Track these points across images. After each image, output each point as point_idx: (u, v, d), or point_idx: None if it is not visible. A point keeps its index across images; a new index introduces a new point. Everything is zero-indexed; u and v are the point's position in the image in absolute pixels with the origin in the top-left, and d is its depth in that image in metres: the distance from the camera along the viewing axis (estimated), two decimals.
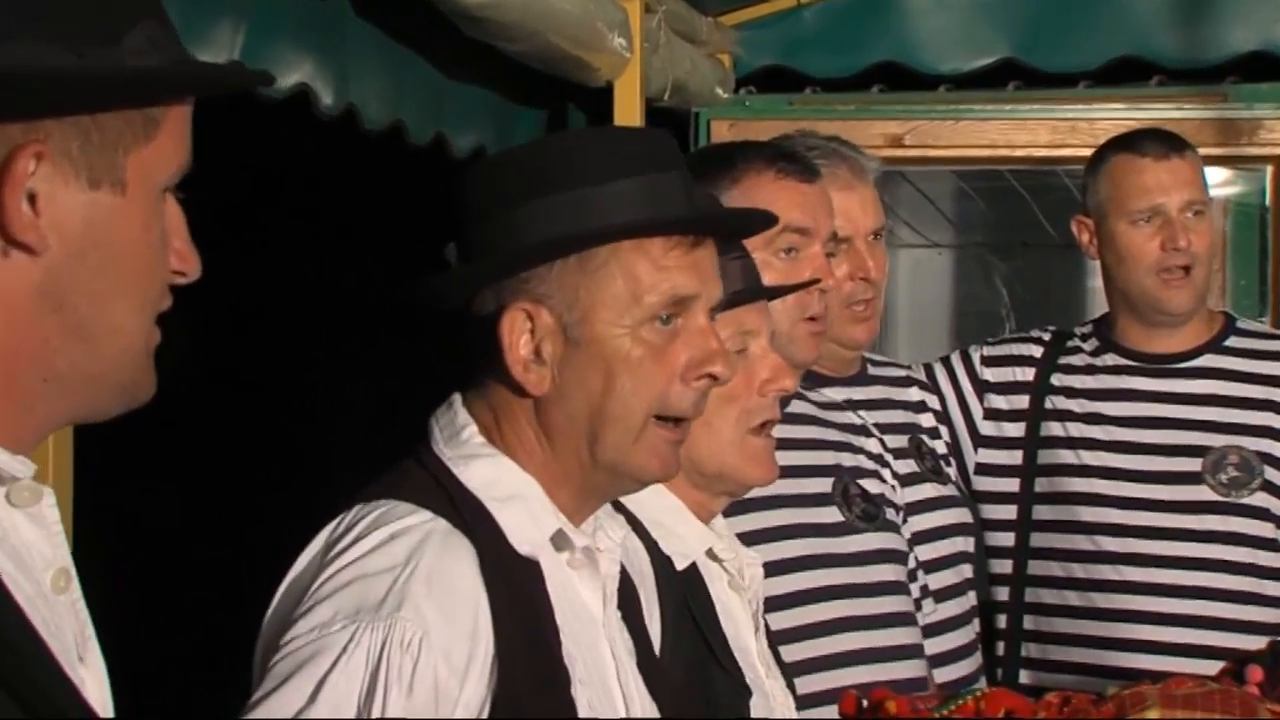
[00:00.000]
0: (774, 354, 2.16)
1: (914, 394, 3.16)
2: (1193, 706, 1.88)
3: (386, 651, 1.61)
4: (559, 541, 1.77)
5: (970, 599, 3.02)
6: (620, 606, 1.85)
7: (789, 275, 2.48)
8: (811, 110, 4.36)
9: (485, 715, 1.64)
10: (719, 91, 4.38)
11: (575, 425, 1.76)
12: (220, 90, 1.38)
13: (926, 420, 3.15)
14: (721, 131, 4.33)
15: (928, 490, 2.95)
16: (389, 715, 1.59)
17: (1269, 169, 4.21)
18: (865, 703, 2.17)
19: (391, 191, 5.18)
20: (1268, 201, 4.25)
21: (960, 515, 3.04)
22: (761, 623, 2.22)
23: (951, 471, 3.17)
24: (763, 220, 1.96)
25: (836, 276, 2.66)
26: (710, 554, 2.16)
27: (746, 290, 2.16)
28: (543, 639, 1.70)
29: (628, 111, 3.77)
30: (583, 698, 1.72)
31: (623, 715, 1.78)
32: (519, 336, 1.74)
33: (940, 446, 3.15)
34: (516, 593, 1.69)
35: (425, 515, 1.70)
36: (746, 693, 2.08)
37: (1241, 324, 3.28)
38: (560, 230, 1.73)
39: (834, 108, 4.39)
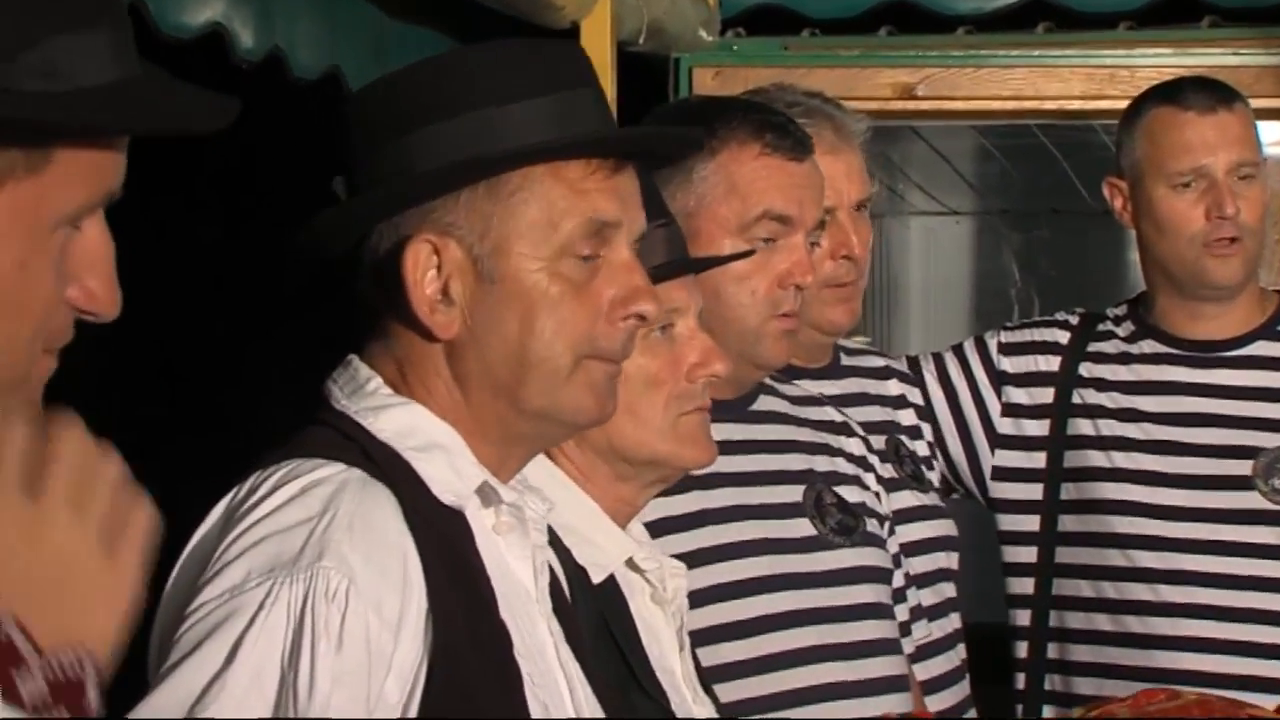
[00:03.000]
0: (703, 335, 2.19)
1: (893, 388, 3.17)
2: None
3: (310, 604, 1.64)
4: (485, 496, 1.80)
5: (954, 621, 3.04)
6: (550, 595, 1.88)
7: (762, 267, 2.49)
8: (809, 56, 4.37)
9: (422, 676, 1.67)
10: (702, 34, 4.36)
11: (492, 371, 1.79)
12: (134, 133, 1.37)
13: (906, 418, 3.16)
14: (705, 81, 4.32)
15: (907, 499, 2.96)
16: (318, 673, 1.62)
17: None
18: None
19: (324, 148, 5.16)
20: None
21: (943, 528, 3.06)
22: (687, 641, 2.23)
23: (934, 477, 3.18)
24: (691, 142, 2.00)
25: (817, 270, 2.66)
26: (630, 564, 2.18)
27: (673, 262, 2.19)
28: (478, 596, 1.74)
29: (596, 56, 3.69)
30: (524, 668, 1.75)
31: (568, 701, 1.82)
32: (424, 273, 1.77)
33: (922, 448, 3.16)
34: (445, 546, 1.73)
35: (338, 466, 1.73)
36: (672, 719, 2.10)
37: None
38: (466, 154, 1.76)
39: (835, 53, 4.39)
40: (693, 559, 2.32)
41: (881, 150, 5.59)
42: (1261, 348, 3.20)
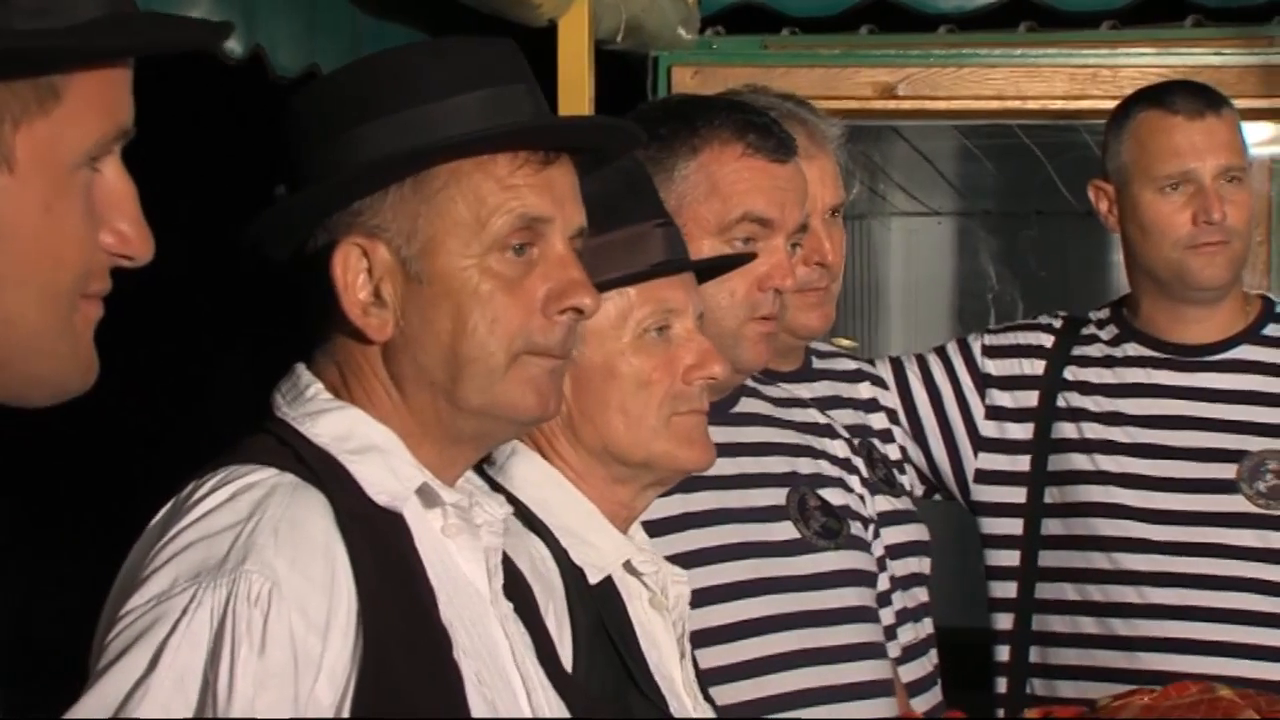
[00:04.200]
0: (701, 337, 2.20)
1: (864, 390, 3.19)
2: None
3: (232, 607, 1.65)
4: (427, 498, 1.82)
5: (927, 626, 3.07)
6: (511, 598, 1.89)
7: (742, 269, 2.50)
8: (789, 55, 4.40)
9: (354, 678, 1.68)
10: (681, 32, 4.38)
11: (427, 372, 1.80)
12: (139, 52, 1.39)
13: (878, 421, 3.19)
14: (685, 80, 4.34)
15: (879, 503, 2.97)
16: (238, 676, 1.64)
17: None
18: None
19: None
20: None
21: (916, 532, 3.09)
22: (688, 649, 2.25)
23: (906, 480, 3.21)
24: (627, 138, 1.97)
25: (797, 273, 2.67)
26: (629, 567, 2.19)
27: (670, 262, 2.20)
28: (414, 597, 1.75)
29: (574, 55, 3.78)
30: (468, 668, 1.76)
31: (523, 701, 1.83)
32: (355, 276, 1.79)
33: (894, 451, 3.19)
34: (379, 547, 1.74)
35: (270, 471, 1.75)
36: None
37: None
38: (392, 152, 1.77)
39: (815, 52, 4.42)
40: (675, 563, 2.32)
41: (863, 150, 5.62)
42: (1245, 351, 3.25)
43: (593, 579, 2.13)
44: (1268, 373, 3.22)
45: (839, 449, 2.86)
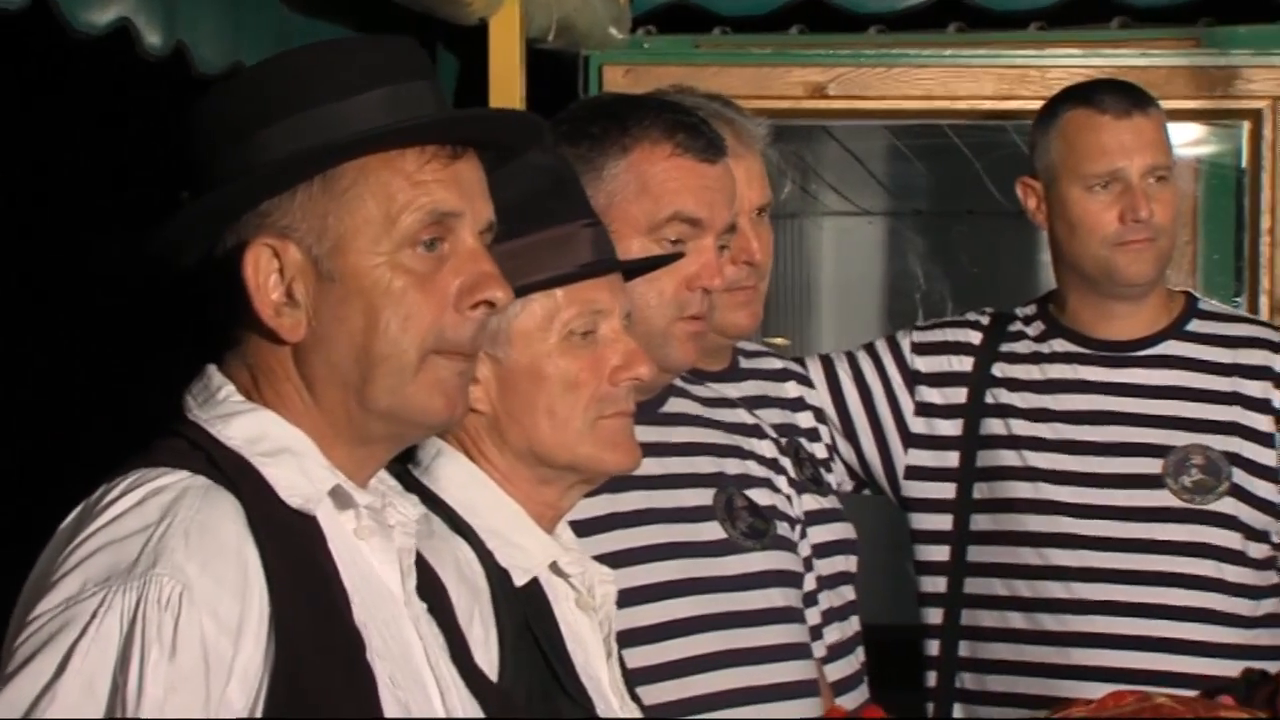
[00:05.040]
0: (628, 338, 2.20)
1: (791, 389, 3.19)
2: None
3: (142, 611, 1.64)
4: (340, 500, 1.81)
5: (854, 624, 3.07)
6: (425, 598, 1.88)
7: (670, 269, 2.49)
8: (721, 54, 4.39)
9: (266, 680, 1.68)
10: (613, 31, 4.37)
11: (339, 372, 1.79)
12: None
13: (805, 420, 3.19)
14: (616, 79, 4.33)
15: (806, 502, 2.98)
16: (148, 680, 1.63)
17: (1246, 125, 4.27)
18: None
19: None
20: (1245, 163, 4.31)
21: (843, 530, 3.09)
22: (615, 648, 2.25)
23: (832, 479, 3.21)
24: (530, 130, 1.95)
25: (725, 273, 2.66)
26: (555, 568, 2.19)
27: (598, 263, 2.20)
28: (327, 600, 1.74)
29: (505, 53, 3.77)
30: (381, 670, 1.76)
31: (436, 702, 1.83)
32: (266, 277, 1.78)
33: (820, 450, 3.19)
34: (291, 550, 1.73)
35: (181, 474, 1.74)
36: None
37: (1204, 305, 3.35)
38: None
39: (747, 51, 4.41)
40: (602, 562, 2.31)
41: (794, 150, 5.63)
42: (1170, 347, 3.26)
43: (518, 581, 2.12)
44: (1192, 368, 3.24)
45: (766, 449, 2.86)
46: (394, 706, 1.75)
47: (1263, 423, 3.20)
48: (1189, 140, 4.44)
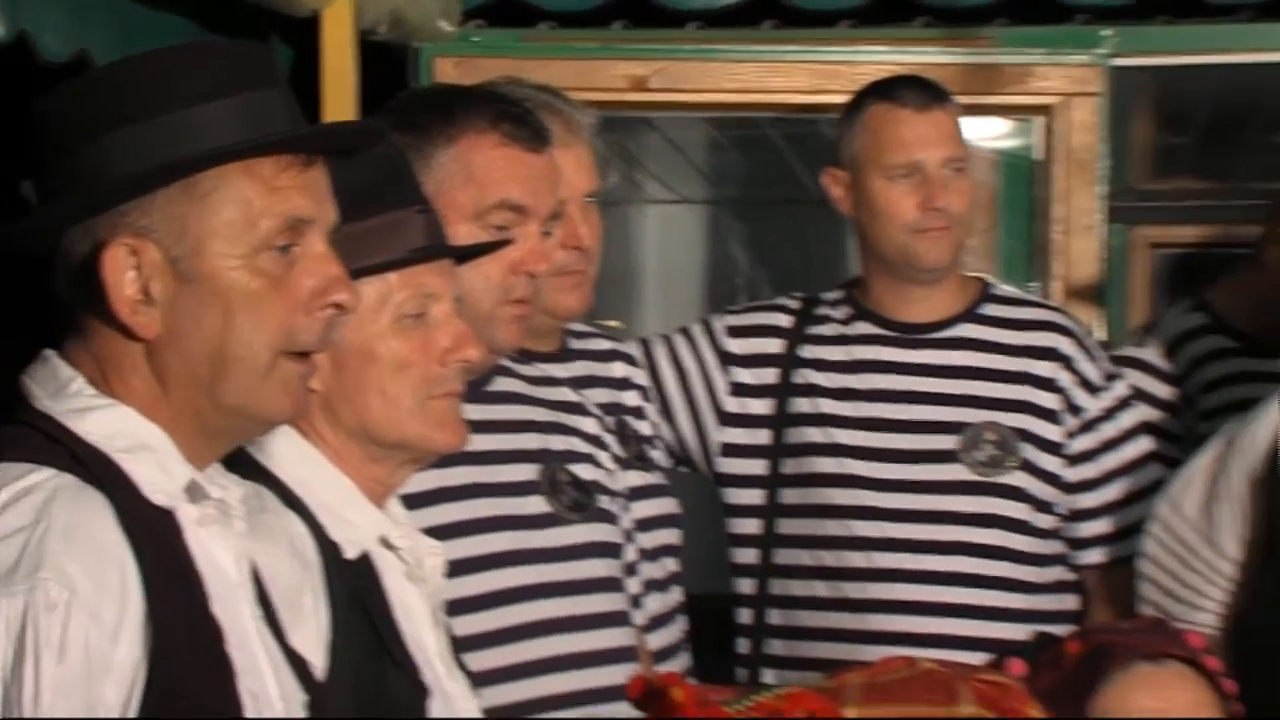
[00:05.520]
0: (458, 321, 2.22)
1: (618, 370, 3.21)
2: (894, 696, 1.97)
3: (31, 616, 1.65)
4: (192, 493, 1.83)
5: (676, 595, 3.11)
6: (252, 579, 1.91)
7: (496, 254, 2.51)
8: (546, 48, 4.40)
9: (141, 678, 1.69)
10: (443, 25, 4.38)
11: (192, 368, 1.81)
12: None
13: (631, 399, 3.21)
14: (446, 70, 4.34)
15: (632, 478, 3.00)
16: (42, 684, 1.63)
17: (1039, 120, 4.36)
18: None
19: None
20: (1038, 155, 4.41)
21: (667, 505, 3.13)
22: (442, 618, 2.27)
23: (657, 455, 3.24)
24: (375, 139, 2.02)
25: (550, 258, 2.70)
26: (385, 542, 2.20)
27: (429, 248, 2.21)
28: (193, 593, 1.77)
29: (338, 45, 3.78)
30: (238, 661, 1.79)
31: (272, 685, 1.85)
32: (123, 275, 1.78)
33: (645, 427, 3.22)
34: (158, 547, 1.75)
35: (48, 472, 1.74)
36: (424, 693, 2.14)
37: (997, 290, 3.41)
38: (157, 157, 1.78)
39: (571, 45, 4.43)
40: (431, 535, 2.34)
41: (618, 140, 5.64)
42: (965, 329, 3.32)
43: (349, 554, 2.14)
44: (985, 349, 3.30)
45: (590, 426, 2.89)
46: (246, 698, 1.78)
47: (1050, 401, 3.27)
48: (987, 134, 4.52)
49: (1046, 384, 3.28)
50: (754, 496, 3.35)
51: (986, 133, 4.49)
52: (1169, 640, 2.48)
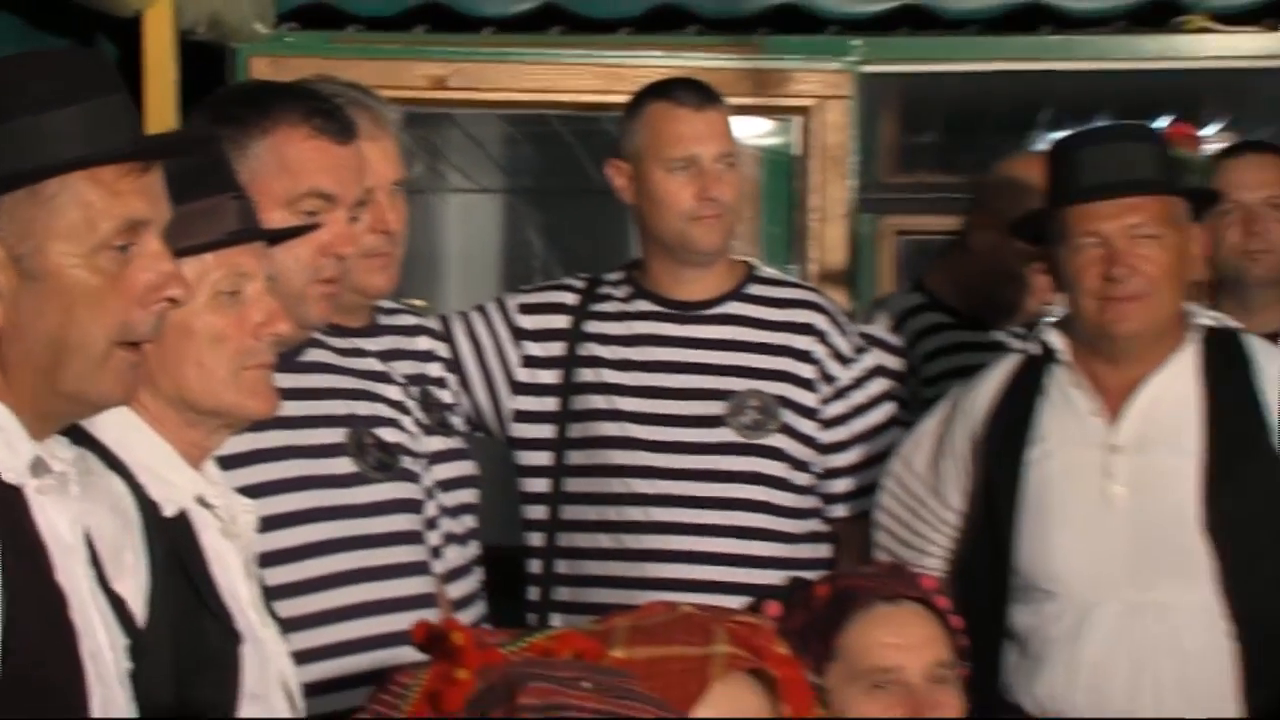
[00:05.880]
0: (269, 298, 2.22)
1: (422, 343, 3.19)
2: (655, 638, 1.98)
3: None
4: (36, 469, 1.81)
5: (474, 549, 3.10)
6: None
7: (307, 237, 2.50)
8: (354, 49, 4.37)
9: None
10: (258, 27, 4.33)
11: (33, 358, 1.80)
12: None
13: (434, 370, 3.19)
14: (261, 69, 4.29)
15: (435, 443, 3.00)
16: None
17: (797, 120, 4.42)
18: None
19: None
20: (796, 152, 4.46)
21: (468, 468, 3.12)
22: (255, 570, 2.26)
23: (458, 421, 3.23)
24: (204, 144, 2.05)
25: (357, 241, 2.69)
26: (201, 501, 2.20)
27: (243, 231, 2.21)
28: (40, 567, 1.75)
29: (159, 44, 3.71)
30: (79, 624, 1.77)
31: (102, 641, 1.83)
32: None
33: (448, 396, 3.20)
34: (10, 523, 1.73)
35: None
36: (237, 639, 2.14)
37: (761, 272, 3.44)
38: (7, 164, 1.76)
39: (377, 47, 4.41)
40: (246, 493, 2.33)
41: (423, 134, 5.62)
42: (733, 307, 3.34)
43: (168, 513, 2.13)
44: (750, 325, 3.33)
45: (395, 394, 2.88)
46: (87, 659, 1.77)
47: (807, 371, 3.30)
48: (752, 132, 4.57)
49: (803, 356, 3.31)
50: (543, 458, 3.36)
51: (752, 131, 4.53)
52: (904, 583, 2.53)
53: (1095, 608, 2.86)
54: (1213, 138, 5.64)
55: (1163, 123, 5.00)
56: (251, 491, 2.35)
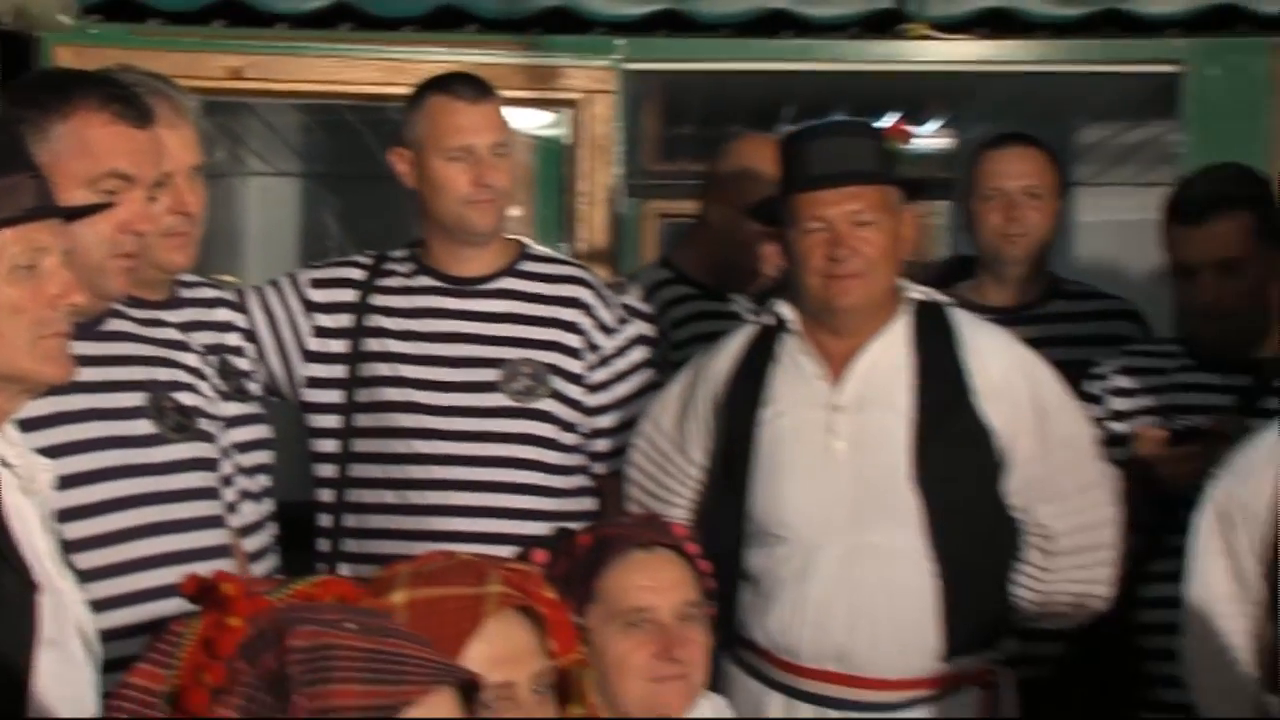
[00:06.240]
0: (65, 271, 2.18)
1: (221, 315, 3.15)
2: (434, 580, 2.00)
3: None
4: None
5: (268, 506, 3.08)
6: None
7: (107, 215, 2.46)
8: (156, 41, 4.28)
9: None
10: (62, 18, 4.22)
11: None
12: None
13: (232, 339, 3.16)
14: (66, 58, 4.18)
15: (232, 408, 2.97)
16: None
17: (568, 112, 4.43)
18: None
19: None
20: (567, 141, 4.47)
21: (261, 431, 3.09)
22: (53, 525, 2.23)
23: (254, 388, 3.20)
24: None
25: (155, 219, 2.65)
26: (1, 461, 2.16)
27: (40, 208, 2.16)
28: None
29: None
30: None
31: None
32: None
33: (244, 364, 3.17)
34: None
35: None
36: (34, 588, 2.10)
37: (533, 250, 3.44)
38: None
39: (177, 39, 4.32)
40: (49, 453, 2.30)
41: (223, 122, 5.54)
42: (507, 282, 3.34)
43: None
44: (522, 299, 3.33)
45: (192, 360, 2.85)
46: None
47: (574, 341, 3.31)
48: (527, 123, 4.57)
49: (571, 327, 3.32)
50: (333, 421, 3.33)
51: (526, 122, 4.53)
52: (658, 531, 2.56)
53: (819, 550, 2.92)
54: (934, 134, 5.81)
55: (888, 120, 5.13)
56: (55, 451, 2.33)
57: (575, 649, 2.11)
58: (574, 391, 3.31)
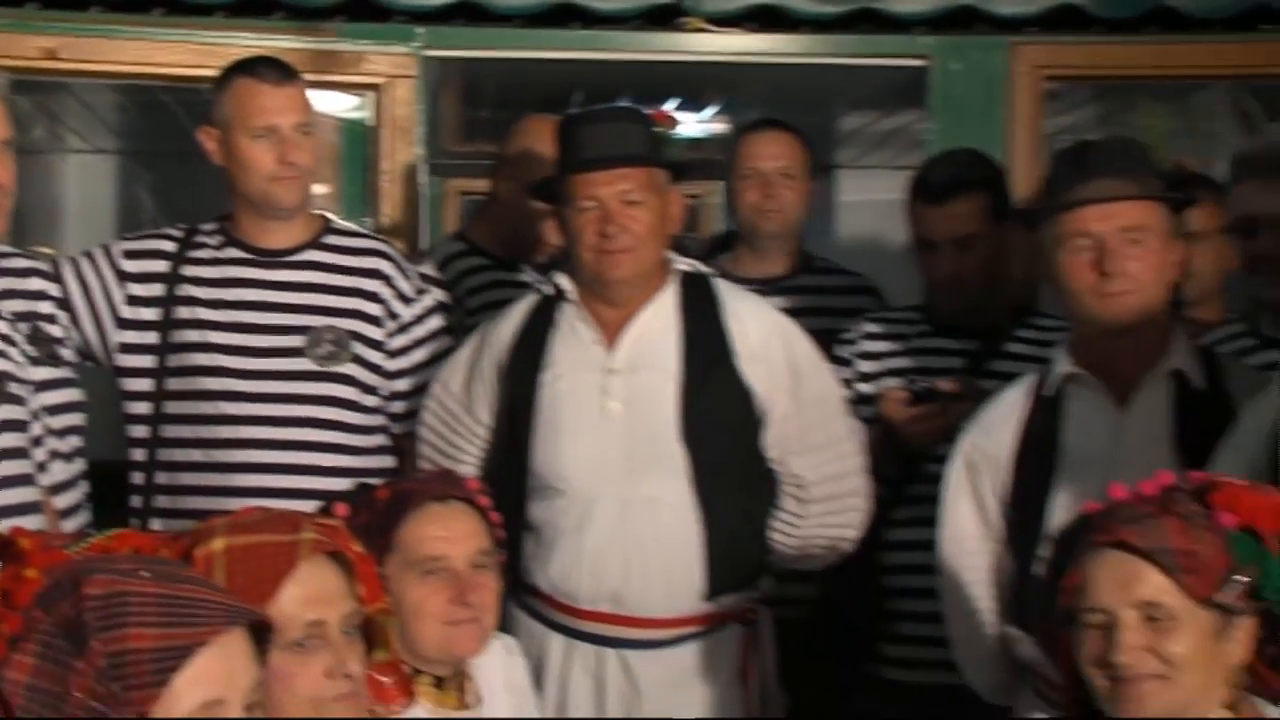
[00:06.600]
0: None
1: (35, 284, 3.04)
2: (251, 529, 2.01)
3: None
4: None
5: (79, 465, 2.98)
6: None
7: None
8: None
9: None
10: None
11: None
12: None
13: (45, 308, 3.05)
14: None
15: (44, 373, 2.88)
16: None
17: (371, 95, 4.37)
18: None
19: None
20: (371, 123, 4.41)
21: (75, 395, 2.99)
22: None
23: (67, 354, 3.08)
24: None
25: None
26: None
27: None
28: None
29: None
30: None
31: None
32: None
33: (58, 331, 3.06)
34: None
35: None
36: None
37: (337, 224, 3.38)
38: None
39: None
40: None
41: (42, 101, 5.33)
42: (311, 254, 3.27)
43: None
44: (326, 270, 3.26)
45: (2, 328, 2.75)
46: None
47: (375, 309, 3.26)
48: (333, 106, 4.49)
49: (372, 296, 3.27)
50: (145, 385, 3.24)
51: (333, 105, 4.45)
52: (452, 485, 2.52)
53: (595, 503, 2.91)
54: (709, 119, 5.83)
55: (658, 107, 5.15)
56: None
57: (381, 599, 2.12)
58: (374, 357, 3.26)
